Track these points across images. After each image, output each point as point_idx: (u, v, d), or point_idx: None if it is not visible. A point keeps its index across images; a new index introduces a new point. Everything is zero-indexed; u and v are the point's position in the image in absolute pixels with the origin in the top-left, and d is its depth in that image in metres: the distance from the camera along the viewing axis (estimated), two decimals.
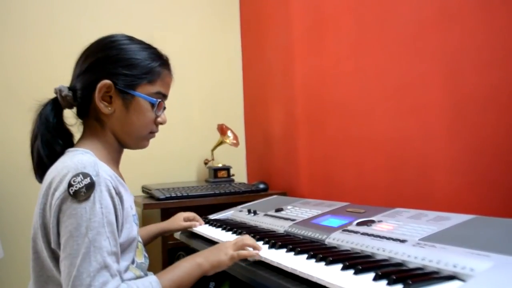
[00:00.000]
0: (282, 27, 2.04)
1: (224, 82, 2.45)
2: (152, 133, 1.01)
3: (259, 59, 2.31)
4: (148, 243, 1.27)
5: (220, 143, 2.25)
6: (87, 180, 0.80)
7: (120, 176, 0.98)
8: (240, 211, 1.51)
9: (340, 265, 0.76)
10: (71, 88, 0.95)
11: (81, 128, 0.98)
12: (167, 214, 1.78)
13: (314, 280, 0.73)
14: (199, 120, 2.35)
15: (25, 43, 2.05)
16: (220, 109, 2.41)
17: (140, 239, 1.03)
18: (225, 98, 2.45)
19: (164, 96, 0.99)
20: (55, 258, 0.82)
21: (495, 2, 1.05)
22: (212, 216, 1.51)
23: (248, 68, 2.46)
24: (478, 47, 1.10)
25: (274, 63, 2.13)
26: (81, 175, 0.80)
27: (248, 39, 2.45)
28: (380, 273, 0.68)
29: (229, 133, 2.24)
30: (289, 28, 1.97)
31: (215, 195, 1.84)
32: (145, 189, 2.03)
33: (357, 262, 0.76)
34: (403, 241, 0.82)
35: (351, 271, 0.73)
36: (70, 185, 0.79)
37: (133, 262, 0.93)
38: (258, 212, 1.40)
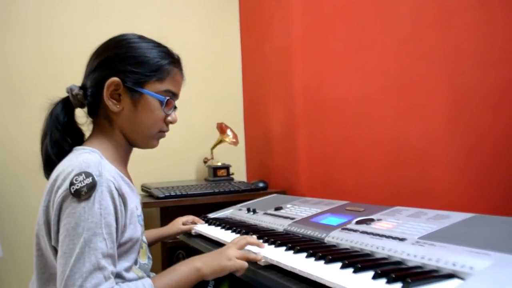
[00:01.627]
0: (281, 25, 2.03)
1: (223, 80, 2.45)
2: (161, 132, 1.00)
3: (258, 57, 2.30)
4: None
5: (220, 141, 2.25)
6: (89, 180, 0.79)
7: (128, 176, 0.98)
8: (240, 209, 1.51)
9: (339, 264, 0.76)
10: (81, 86, 0.96)
11: (91, 127, 0.98)
12: (166, 212, 1.79)
13: (313, 278, 0.73)
14: (199, 119, 2.35)
15: (27, 42, 2.05)
16: (219, 108, 2.41)
17: (145, 240, 1.02)
18: (225, 97, 2.44)
19: (174, 95, 0.98)
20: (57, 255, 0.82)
21: (494, 0, 1.05)
22: (212, 215, 1.51)
23: (247, 67, 2.46)
24: (477, 45, 1.09)
25: (273, 62, 2.13)
26: (83, 174, 0.80)
27: (248, 37, 2.44)
28: (379, 272, 0.67)
29: (228, 131, 2.24)
30: (289, 26, 1.96)
31: (215, 193, 1.84)
32: (144, 188, 2.03)
33: (356, 260, 0.76)
34: (402, 239, 0.82)
35: (350, 270, 0.73)
36: (71, 183, 0.79)
37: (136, 263, 0.92)
38: (257, 211, 1.40)
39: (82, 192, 0.78)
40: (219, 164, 2.23)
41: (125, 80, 0.92)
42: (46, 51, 2.07)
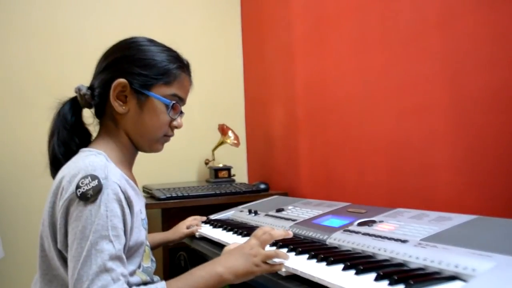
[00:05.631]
0: (283, 26, 2.04)
1: (225, 82, 2.45)
2: (166, 136, 1.00)
3: (260, 59, 2.31)
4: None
5: (221, 143, 2.25)
6: (95, 183, 0.79)
7: (133, 179, 0.97)
8: (241, 211, 1.51)
9: (341, 265, 0.76)
10: (90, 87, 0.96)
11: (97, 128, 0.98)
12: (167, 214, 1.79)
13: (315, 280, 0.73)
14: (200, 120, 2.35)
15: (32, 43, 2.05)
16: (221, 109, 2.41)
17: (148, 243, 1.02)
18: (226, 98, 2.45)
19: (180, 100, 0.98)
20: (62, 257, 0.82)
21: (498, 1, 1.05)
22: (213, 216, 1.51)
23: (249, 68, 2.46)
24: (480, 47, 1.09)
25: (275, 63, 2.13)
26: (89, 177, 0.79)
27: (249, 38, 2.45)
28: (381, 273, 0.67)
29: (230, 133, 2.24)
30: (290, 27, 1.96)
31: (216, 195, 1.84)
32: (146, 189, 2.03)
33: (358, 262, 0.76)
34: (404, 241, 0.82)
35: (353, 271, 0.73)
36: (78, 186, 0.78)
37: (139, 266, 0.92)
38: (259, 212, 1.40)
39: (88, 195, 0.78)
40: (221, 165, 2.23)
41: (132, 82, 0.92)
42: (51, 51, 2.07)
